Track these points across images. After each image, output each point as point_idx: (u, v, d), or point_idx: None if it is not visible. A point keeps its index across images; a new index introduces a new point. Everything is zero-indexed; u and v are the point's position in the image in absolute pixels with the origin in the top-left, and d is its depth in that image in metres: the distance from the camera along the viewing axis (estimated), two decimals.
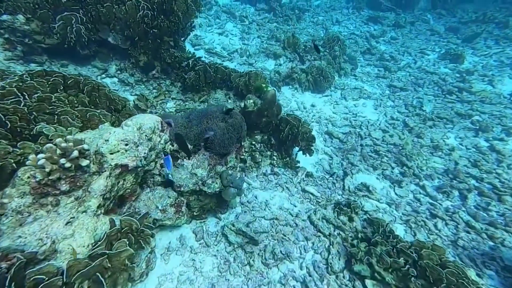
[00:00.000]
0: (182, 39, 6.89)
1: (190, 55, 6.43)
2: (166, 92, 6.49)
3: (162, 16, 5.85)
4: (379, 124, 7.49)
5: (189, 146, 3.95)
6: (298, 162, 6.02)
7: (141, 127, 3.45)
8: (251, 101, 5.47)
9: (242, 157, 5.55)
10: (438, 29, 12.14)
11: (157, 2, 5.68)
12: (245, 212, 4.75)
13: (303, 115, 7.77)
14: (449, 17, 13.02)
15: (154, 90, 6.46)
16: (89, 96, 4.11)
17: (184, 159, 3.99)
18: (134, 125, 3.44)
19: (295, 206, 4.98)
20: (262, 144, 5.91)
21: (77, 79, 3.95)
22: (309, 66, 8.70)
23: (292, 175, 5.81)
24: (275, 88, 6.40)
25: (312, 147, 5.72)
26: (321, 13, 13.60)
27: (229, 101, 6.51)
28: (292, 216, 4.73)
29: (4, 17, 4.67)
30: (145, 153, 3.35)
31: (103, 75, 6.30)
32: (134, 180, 3.43)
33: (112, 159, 3.04)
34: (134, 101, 5.91)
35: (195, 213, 4.29)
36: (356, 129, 7.28)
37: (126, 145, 3.16)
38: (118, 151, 3.10)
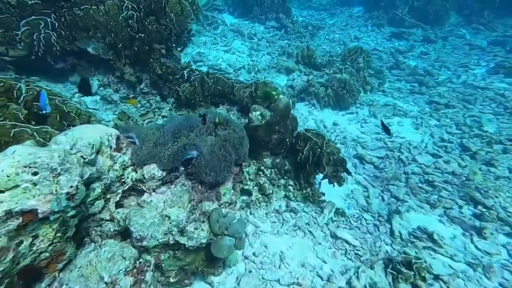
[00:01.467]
0: (178, 49, 5.92)
1: (185, 65, 5.37)
2: (156, 110, 5.36)
3: (150, 18, 4.91)
4: (425, 147, 5.90)
5: (160, 172, 2.60)
6: (323, 194, 4.48)
7: (76, 144, 2.16)
8: (258, 113, 4.16)
9: (246, 187, 4.11)
10: (479, 44, 10.91)
11: (144, 1, 4.77)
12: (250, 272, 3.19)
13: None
14: (489, 32, 11.88)
15: (142, 108, 5.35)
16: (28, 108, 2.95)
17: (152, 193, 2.62)
18: (67, 141, 2.17)
19: (325, 262, 3.38)
20: (273, 170, 4.48)
21: (9, 84, 2.83)
22: (329, 78, 7.45)
23: (316, 212, 4.25)
24: (289, 97, 5.09)
25: (342, 174, 4.20)
26: (337, 31, 12.75)
27: (233, 117, 5.24)
28: (322, 279, 3.11)
29: None
30: (74, 186, 2.01)
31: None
32: (57, 234, 2.06)
33: (2, 202, 1.72)
34: (113, 121, 4.78)
35: (171, 280, 2.79)
36: (395, 153, 5.72)
37: (35, 174, 1.85)
38: (17, 187, 1.78)
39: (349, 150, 5.88)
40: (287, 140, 4.38)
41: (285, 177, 4.61)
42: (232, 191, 3.06)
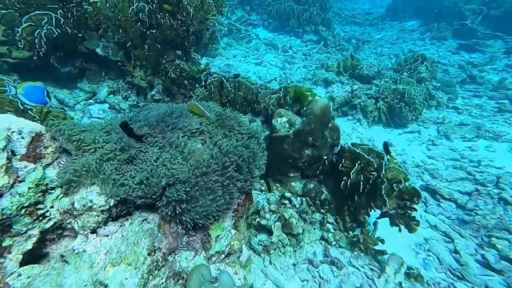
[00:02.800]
0: (199, 53, 5.18)
1: (203, 68, 4.54)
2: None
3: (163, 12, 4.25)
4: None
5: (102, 200, 1.54)
6: (381, 241, 3.01)
7: None
8: (284, 119, 3.02)
9: (263, 221, 2.89)
10: None
11: None
12: None
13: None
14: None
15: None
16: None
17: (90, 236, 1.55)
18: None
19: None
20: (304, 199, 3.21)
21: None
22: (382, 88, 6.07)
23: (373, 269, 2.79)
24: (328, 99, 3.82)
25: (413, 214, 2.74)
26: (386, 45, 11.41)
27: None
28: None
29: None
30: None
31: (91, 100, 4.74)
32: None
33: None
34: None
35: None
36: (489, 188, 4.00)
37: None
38: None
39: (413, 179, 4.33)
40: (325, 157, 3.11)
41: (322, 211, 3.28)
42: (233, 231, 1.86)
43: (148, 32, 4.23)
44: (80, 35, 4.25)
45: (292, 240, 3.01)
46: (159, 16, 4.18)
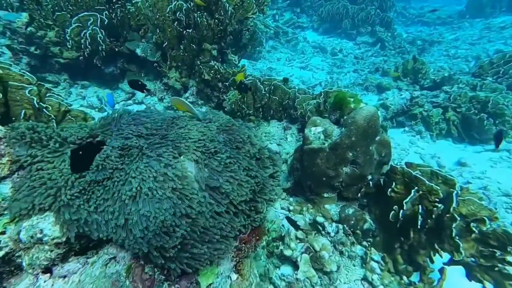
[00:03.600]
0: (237, 55, 4.93)
1: (238, 70, 4.25)
2: None
3: (201, 11, 4.09)
4: None
5: (56, 231, 1.24)
6: None
7: None
8: (319, 129, 2.51)
9: (287, 252, 2.40)
10: None
11: None
12: None
13: None
14: None
15: None
16: None
17: (41, 277, 1.25)
18: None
19: None
20: (341, 226, 2.62)
21: None
22: (455, 95, 5.04)
23: None
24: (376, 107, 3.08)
25: (507, 269, 1.95)
26: (463, 45, 9.82)
27: (289, 138, 3.68)
28: None
29: (0, 13, 3.83)
30: None
31: (130, 101, 4.82)
32: None
33: None
34: None
35: None
36: None
37: None
38: None
39: (500, 212, 3.33)
40: (369, 177, 2.49)
41: (365, 243, 2.65)
42: (234, 276, 1.43)
43: (184, 32, 4.11)
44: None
45: (324, 278, 2.44)
46: (196, 15, 4.03)
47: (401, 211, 2.27)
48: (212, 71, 4.27)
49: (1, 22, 3.91)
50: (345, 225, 2.67)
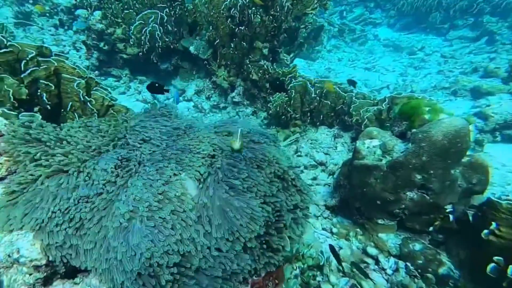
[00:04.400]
0: (290, 55, 4.60)
1: (288, 70, 3.93)
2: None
3: (256, 8, 3.88)
4: None
5: (36, 252, 1.13)
6: None
7: None
8: (376, 142, 2.09)
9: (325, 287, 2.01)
10: None
11: None
12: None
13: None
14: None
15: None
16: (29, 86, 2.33)
17: None
18: None
19: None
20: (403, 264, 2.09)
21: (22, 51, 2.30)
22: None
23: None
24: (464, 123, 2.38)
25: None
26: None
27: (340, 148, 3.22)
28: None
29: (79, 11, 4.25)
30: None
31: (180, 98, 4.95)
32: None
33: None
34: None
35: None
36: None
37: None
38: None
39: None
40: (449, 209, 1.90)
41: None
42: None
43: (236, 29, 3.97)
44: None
45: None
46: (250, 11, 3.84)
47: (510, 267, 1.66)
48: (260, 71, 4.04)
49: (81, 19, 4.38)
50: (408, 263, 2.14)
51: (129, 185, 1.17)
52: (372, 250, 2.29)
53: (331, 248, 2.06)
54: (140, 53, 4.54)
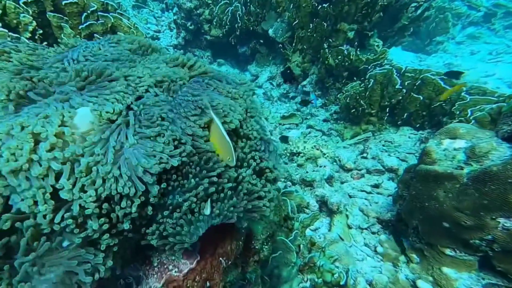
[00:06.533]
0: (388, 41, 3.81)
1: (372, 58, 3.21)
2: (309, 116, 3.69)
3: None
4: None
5: None
6: None
7: None
8: (460, 143, 1.47)
9: None
10: None
11: None
12: None
13: None
14: None
15: (287, 113, 3.92)
16: (86, 39, 2.48)
17: None
18: None
19: None
20: None
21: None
22: None
23: None
24: None
25: None
26: None
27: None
28: None
29: None
30: None
31: (252, 83, 4.80)
32: None
33: None
34: None
35: None
36: None
37: None
38: None
39: None
40: None
41: None
42: None
43: (319, 7, 3.52)
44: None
45: None
46: None
47: None
48: (339, 57, 3.46)
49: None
50: None
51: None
52: (426, 287, 1.53)
53: None
54: (221, 35, 4.62)
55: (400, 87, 2.67)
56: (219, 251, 0.91)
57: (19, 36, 2.08)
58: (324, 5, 3.49)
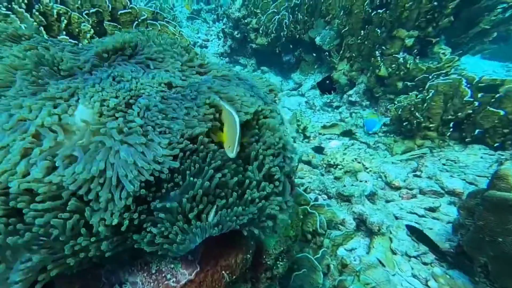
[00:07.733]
0: (457, 49, 3.36)
1: (436, 66, 2.83)
2: (354, 127, 3.38)
3: None
4: None
5: None
6: None
7: None
8: None
9: None
10: None
11: None
12: None
13: None
14: None
15: (328, 123, 3.64)
16: None
17: None
18: None
19: None
20: None
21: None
22: None
23: None
24: None
25: None
26: None
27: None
28: None
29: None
30: None
31: (294, 92, 4.65)
32: None
33: None
34: None
35: None
36: None
37: None
38: None
39: None
40: None
41: None
42: None
43: (373, 14, 3.26)
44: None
45: None
46: None
47: None
48: (393, 65, 3.13)
49: (222, 10, 4.90)
50: None
51: None
52: None
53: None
54: (266, 43, 4.58)
55: (471, 99, 2.26)
56: (222, 264, 0.76)
57: (77, 42, 2.24)
58: (379, 10, 3.22)
